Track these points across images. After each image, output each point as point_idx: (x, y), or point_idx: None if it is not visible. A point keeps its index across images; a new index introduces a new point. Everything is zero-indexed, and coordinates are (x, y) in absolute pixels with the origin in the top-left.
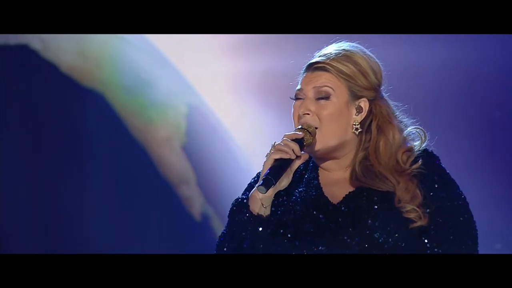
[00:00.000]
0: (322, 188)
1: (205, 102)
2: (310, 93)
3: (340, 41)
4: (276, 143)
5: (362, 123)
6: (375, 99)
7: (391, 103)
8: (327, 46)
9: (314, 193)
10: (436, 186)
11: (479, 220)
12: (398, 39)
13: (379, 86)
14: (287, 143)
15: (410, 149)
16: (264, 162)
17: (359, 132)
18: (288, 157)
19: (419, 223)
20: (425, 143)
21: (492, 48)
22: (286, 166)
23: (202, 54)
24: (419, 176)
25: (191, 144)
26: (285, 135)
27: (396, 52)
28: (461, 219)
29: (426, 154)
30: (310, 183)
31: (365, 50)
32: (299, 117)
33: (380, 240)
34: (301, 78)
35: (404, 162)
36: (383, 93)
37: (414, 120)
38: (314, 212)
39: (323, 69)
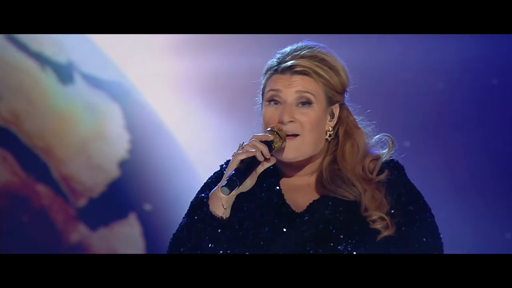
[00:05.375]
0: (284, 194)
1: (148, 103)
2: (291, 98)
3: (304, 42)
4: (244, 144)
5: (333, 128)
6: (343, 103)
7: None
8: (289, 45)
9: (275, 200)
10: (404, 199)
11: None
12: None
13: (347, 89)
14: (255, 144)
15: (377, 158)
16: (230, 162)
17: (329, 139)
18: (253, 157)
19: (385, 233)
20: (392, 151)
21: (450, 48)
22: (252, 168)
23: (145, 54)
24: (386, 187)
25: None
26: (254, 136)
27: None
28: (429, 232)
29: (393, 164)
30: (271, 189)
31: (331, 50)
32: (279, 123)
33: (344, 253)
34: (273, 80)
35: (371, 171)
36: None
37: (371, 122)
38: (276, 221)
39: (303, 73)
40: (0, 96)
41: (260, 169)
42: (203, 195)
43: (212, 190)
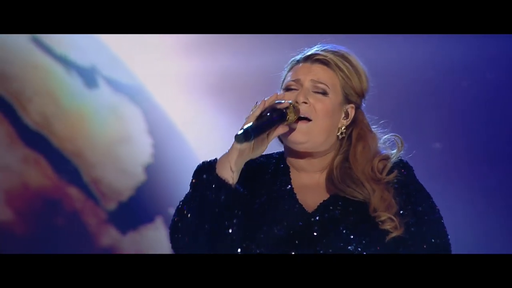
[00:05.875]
0: (296, 194)
1: (157, 103)
2: (308, 84)
3: (326, 43)
4: (258, 103)
5: (346, 128)
6: (359, 107)
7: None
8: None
9: (287, 199)
10: (412, 199)
11: None
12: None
13: (365, 94)
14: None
15: (386, 158)
16: (246, 119)
17: (342, 137)
18: (268, 119)
19: (394, 234)
20: (402, 152)
21: (460, 48)
22: (267, 128)
23: (154, 53)
24: (396, 186)
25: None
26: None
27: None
28: (437, 233)
29: (402, 165)
30: (283, 187)
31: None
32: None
33: (355, 253)
34: (294, 69)
35: (380, 171)
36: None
37: (384, 130)
38: (288, 219)
39: (323, 62)
40: (30, 99)
41: (272, 135)
42: (211, 159)
43: (222, 154)
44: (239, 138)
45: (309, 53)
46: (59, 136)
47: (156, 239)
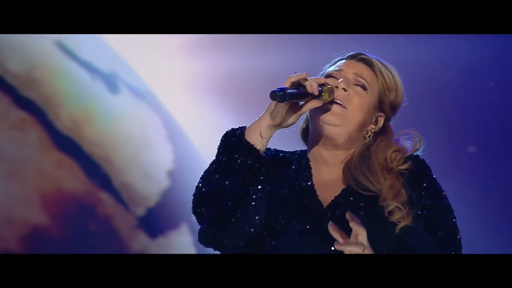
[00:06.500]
0: (316, 191)
1: (161, 102)
2: (350, 75)
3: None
4: (296, 72)
5: (373, 134)
6: (389, 120)
7: None
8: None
9: (307, 195)
10: (424, 194)
11: None
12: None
13: (397, 110)
14: (306, 77)
15: (401, 149)
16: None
17: (368, 140)
18: (301, 90)
19: (403, 223)
20: (419, 149)
21: (472, 48)
22: (301, 96)
23: (158, 53)
24: (408, 180)
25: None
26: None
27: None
28: (446, 231)
29: (417, 160)
30: (303, 183)
31: None
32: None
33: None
34: (337, 64)
35: (392, 161)
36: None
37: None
38: (305, 215)
39: (368, 63)
40: (60, 104)
41: (305, 108)
42: (240, 126)
43: (253, 121)
44: (274, 94)
45: (354, 53)
46: (89, 141)
47: (183, 244)
